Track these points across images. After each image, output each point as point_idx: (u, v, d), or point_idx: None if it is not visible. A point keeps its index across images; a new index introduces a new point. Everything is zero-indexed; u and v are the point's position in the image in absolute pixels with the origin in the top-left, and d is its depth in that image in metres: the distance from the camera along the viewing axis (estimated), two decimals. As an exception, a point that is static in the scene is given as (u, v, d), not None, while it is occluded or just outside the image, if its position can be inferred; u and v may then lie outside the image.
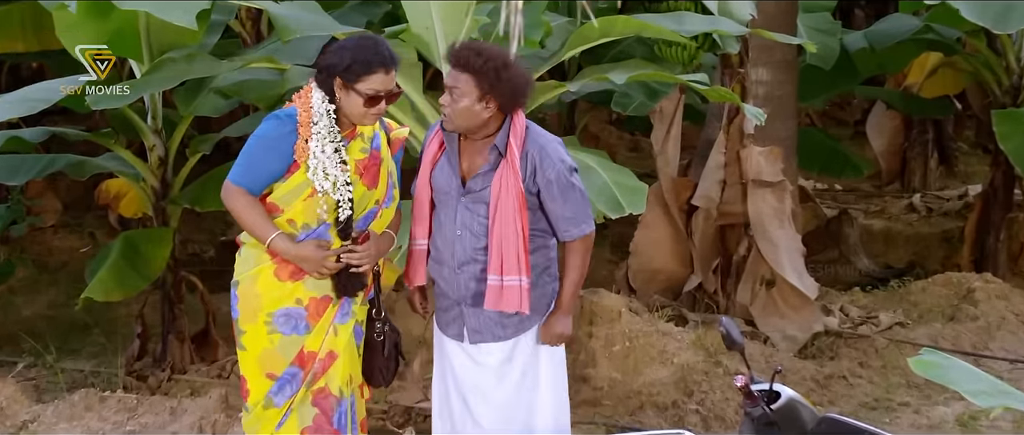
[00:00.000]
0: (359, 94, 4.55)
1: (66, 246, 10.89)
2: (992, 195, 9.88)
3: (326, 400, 4.77)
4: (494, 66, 4.52)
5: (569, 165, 4.65)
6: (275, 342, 4.65)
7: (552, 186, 4.61)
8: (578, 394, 7.15)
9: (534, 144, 4.63)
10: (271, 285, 4.64)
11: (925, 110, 12.20)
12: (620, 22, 6.25)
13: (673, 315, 8.09)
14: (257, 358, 4.68)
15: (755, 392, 4.37)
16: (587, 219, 4.72)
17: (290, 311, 4.65)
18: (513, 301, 4.62)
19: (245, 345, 4.69)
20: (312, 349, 4.69)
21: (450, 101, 4.58)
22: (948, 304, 8.56)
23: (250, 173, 4.59)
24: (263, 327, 4.65)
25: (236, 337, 4.71)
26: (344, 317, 4.76)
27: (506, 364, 4.78)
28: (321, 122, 4.55)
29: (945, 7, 7.80)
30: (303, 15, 6.37)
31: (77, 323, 8.87)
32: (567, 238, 4.71)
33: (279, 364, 4.67)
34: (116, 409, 6.68)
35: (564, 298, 4.77)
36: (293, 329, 4.65)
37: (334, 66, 4.57)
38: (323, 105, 4.57)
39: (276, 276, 4.63)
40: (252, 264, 4.66)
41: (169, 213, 7.70)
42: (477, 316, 4.75)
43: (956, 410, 6.87)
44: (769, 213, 7.94)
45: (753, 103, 7.71)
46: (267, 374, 4.69)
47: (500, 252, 4.60)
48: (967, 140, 14.74)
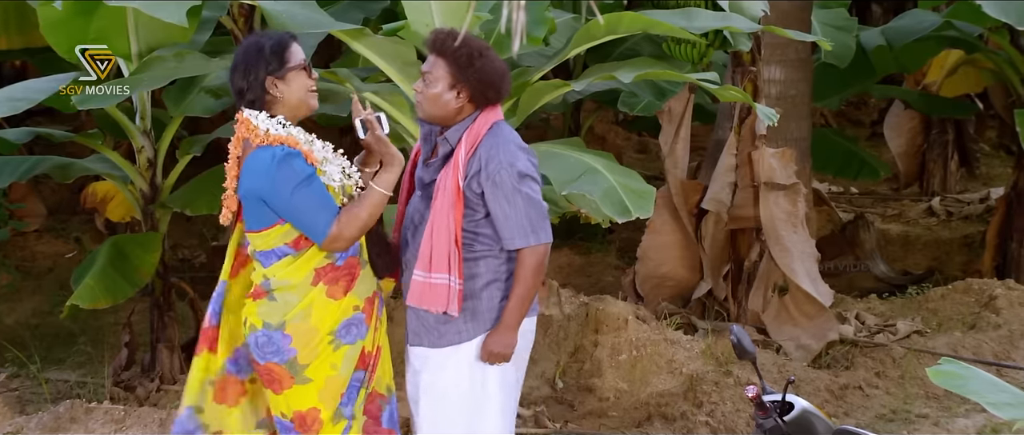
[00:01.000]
0: (298, 69, 4.57)
1: (51, 251, 10.90)
2: (1015, 198, 9.88)
3: (373, 402, 4.79)
4: (467, 52, 4.53)
5: (519, 171, 4.54)
6: (339, 362, 4.64)
7: (495, 189, 4.52)
8: (583, 405, 7.16)
9: (488, 144, 4.57)
10: (327, 310, 4.61)
11: (945, 110, 12.20)
12: (627, 19, 6.25)
13: (682, 323, 8.10)
14: (323, 387, 4.65)
15: (767, 403, 4.38)
16: (535, 232, 4.57)
17: (351, 320, 4.65)
18: (440, 300, 4.55)
19: (310, 377, 4.62)
20: (371, 349, 4.73)
21: (423, 87, 4.59)
22: (969, 312, 8.56)
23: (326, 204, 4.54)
24: (327, 349, 4.61)
25: (285, 378, 4.61)
26: (381, 309, 4.80)
27: (438, 373, 4.70)
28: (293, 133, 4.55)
29: (966, 3, 7.83)
30: (298, 11, 6.37)
31: (62, 332, 8.88)
32: (509, 247, 4.58)
33: (345, 381, 4.67)
34: (103, 421, 6.68)
35: (505, 313, 4.63)
36: (356, 336, 4.66)
37: (257, 72, 4.55)
38: (272, 121, 4.55)
39: (330, 297, 4.61)
40: (295, 302, 4.60)
41: (158, 217, 7.71)
42: (416, 316, 4.71)
43: (977, 422, 6.87)
44: (782, 217, 7.94)
45: (765, 103, 7.71)
46: (338, 394, 4.68)
47: (430, 247, 4.54)
48: (989, 141, 14.75)
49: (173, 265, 8.42)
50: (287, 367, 4.60)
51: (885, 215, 12.44)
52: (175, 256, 10.02)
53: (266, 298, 4.62)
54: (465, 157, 4.54)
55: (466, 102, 4.58)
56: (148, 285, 7.65)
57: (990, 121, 14.28)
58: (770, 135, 7.93)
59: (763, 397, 4.39)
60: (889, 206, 12.93)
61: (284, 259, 4.57)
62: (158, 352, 7.79)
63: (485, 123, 4.60)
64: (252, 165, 4.53)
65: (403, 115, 6.41)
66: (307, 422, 4.67)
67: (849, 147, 11.11)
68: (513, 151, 4.57)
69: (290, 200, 4.47)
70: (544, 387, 7.32)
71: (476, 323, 4.64)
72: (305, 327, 4.58)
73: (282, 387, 4.63)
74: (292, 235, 4.56)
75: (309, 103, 4.64)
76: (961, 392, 3.59)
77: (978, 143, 13.97)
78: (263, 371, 4.64)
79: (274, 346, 4.59)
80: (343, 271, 4.62)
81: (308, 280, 4.58)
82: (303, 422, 4.68)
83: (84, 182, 9.33)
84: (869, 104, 16.31)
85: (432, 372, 4.72)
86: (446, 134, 4.61)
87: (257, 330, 4.61)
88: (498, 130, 4.61)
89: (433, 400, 4.73)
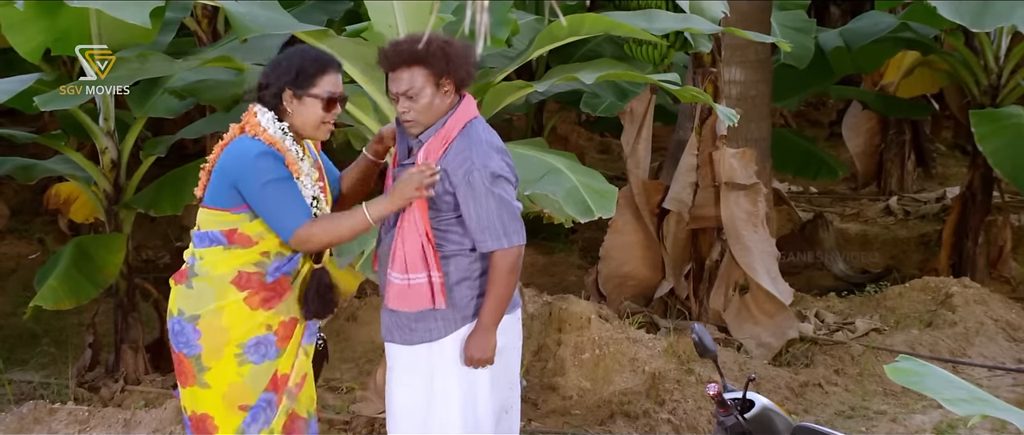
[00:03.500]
0: (316, 99, 4.51)
1: (14, 252, 10.83)
2: (970, 198, 9.94)
3: (295, 423, 4.74)
4: (438, 45, 4.47)
5: (492, 171, 4.48)
6: (245, 373, 4.58)
7: (468, 190, 4.47)
8: (546, 403, 7.16)
9: (460, 146, 4.51)
10: (240, 317, 4.56)
11: (902, 110, 12.27)
12: (589, 20, 6.26)
13: (644, 322, 8.11)
14: (224, 394, 4.60)
15: (728, 401, 4.39)
16: (508, 235, 4.51)
17: (261, 339, 4.59)
18: (422, 299, 4.52)
19: (209, 382, 4.58)
20: (285, 372, 4.66)
21: (410, 104, 4.49)
22: (925, 309, 8.61)
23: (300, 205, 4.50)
24: (232, 360, 4.57)
25: (190, 374, 4.59)
26: (310, 338, 4.74)
27: (408, 372, 4.67)
28: (286, 142, 4.53)
29: (922, 5, 7.87)
30: (261, 12, 6.35)
31: (25, 333, 8.81)
32: (482, 249, 4.53)
33: (251, 394, 4.61)
34: (67, 422, 6.64)
35: (482, 315, 4.57)
36: (264, 356, 4.59)
37: (281, 78, 4.52)
38: (276, 125, 4.53)
39: (247, 305, 4.56)
40: (212, 298, 4.55)
41: (122, 218, 7.67)
42: (390, 314, 4.66)
43: (934, 418, 6.91)
44: (742, 217, 7.97)
45: (726, 103, 7.74)
46: (239, 406, 4.62)
47: (403, 250, 4.50)
48: (945, 141, 14.84)
49: (137, 266, 8.37)
50: (193, 362, 4.58)
51: (844, 214, 12.50)
52: (139, 257, 9.96)
53: (185, 285, 4.60)
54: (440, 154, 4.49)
55: (453, 92, 4.55)
56: (112, 286, 7.62)
57: (946, 121, 14.35)
58: (731, 135, 7.95)
59: (724, 395, 4.40)
60: (847, 205, 12.99)
61: (214, 247, 4.54)
62: (122, 353, 7.75)
63: (457, 124, 4.53)
64: (235, 148, 4.52)
65: (366, 115, 6.40)
66: (203, 426, 4.64)
67: (808, 147, 11.15)
68: (486, 152, 4.51)
69: (261, 192, 4.44)
70: (507, 386, 7.32)
71: (447, 321, 4.60)
72: (216, 325, 4.55)
73: (187, 381, 4.61)
74: (230, 225, 4.52)
75: (317, 134, 4.61)
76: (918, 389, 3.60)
77: (934, 143, 14.04)
78: (175, 359, 4.63)
79: (185, 336, 4.58)
80: (269, 287, 4.58)
81: (228, 278, 4.54)
82: (200, 425, 4.65)
83: (47, 183, 9.28)
84: (827, 105, 16.39)
85: (403, 368, 4.68)
86: (420, 136, 4.55)
87: (173, 316, 4.60)
88: (471, 130, 4.56)
89: (403, 396, 4.70)
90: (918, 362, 3.73)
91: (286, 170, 4.46)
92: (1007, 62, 9.74)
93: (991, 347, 8.17)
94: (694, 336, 4.58)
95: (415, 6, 5.88)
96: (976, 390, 3.67)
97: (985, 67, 9.81)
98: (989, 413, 3.49)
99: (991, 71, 9.79)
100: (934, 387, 3.57)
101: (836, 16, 15.63)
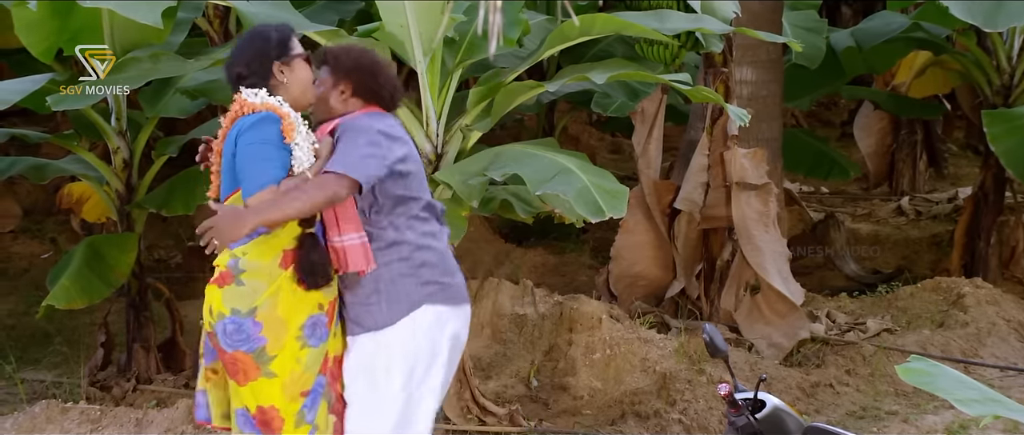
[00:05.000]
0: (300, 58, 4.68)
1: (26, 252, 10.86)
2: (982, 198, 9.92)
3: (339, 401, 4.78)
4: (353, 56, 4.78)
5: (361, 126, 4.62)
6: (304, 359, 4.60)
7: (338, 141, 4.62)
8: (557, 403, 7.16)
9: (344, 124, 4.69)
10: (294, 298, 4.58)
11: (914, 111, 12.24)
12: (600, 20, 6.26)
13: (655, 322, 8.10)
14: (285, 383, 4.60)
15: (739, 401, 4.39)
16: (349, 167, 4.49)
17: (316, 319, 4.62)
18: (358, 260, 4.60)
19: (275, 371, 4.58)
20: (333, 353, 4.71)
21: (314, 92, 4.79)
22: (937, 310, 8.59)
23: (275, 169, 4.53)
24: (294, 345, 4.58)
25: (252, 368, 4.57)
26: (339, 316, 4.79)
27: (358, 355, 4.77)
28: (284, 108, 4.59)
29: (934, 5, 7.85)
30: (273, 12, 6.36)
31: (38, 332, 8.84)
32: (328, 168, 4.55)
33: (309, 379, 4.63)
34: (79, 421, 6.65)
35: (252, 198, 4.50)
36: (320, 339, 4.63)
37: (264, 57, 4.64)
38: (269, 97, 4.59)
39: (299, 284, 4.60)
40: (263, 288, 4.56)
41: (134, 217, 7.68)
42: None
43: (945, 419, 6.90)
44: (754, 217, 7.96)
45: (737, 103, 7.73)
46: (300, 393, 4.64)
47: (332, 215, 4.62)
48: (957, 141, 14.81)
49: (149, 265, 8.40)
50: (254, 356, 4.57)
51: (855, 214, 12.48)
52: (151, 256, 9.98)
53: (233, 283, 4.57)
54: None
55: (352, 98, 4.73)
56: (124, 285, 7.63)
57: (958, 122, 14.33)
58: (742, 135, 7.95)
59: (735, 395, 4.41)
60: (859, 205, 12.97)
61: (255, 239, 4.54)
62: (134, 352, 7.76)
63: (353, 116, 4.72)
64: (235, 128, 4.59)
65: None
66: (268, 419, 4.64)
67: (820, 147, 11.13)
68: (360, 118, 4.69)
69: (247, 149, 4.51)
70: (519, 386, 7.32)
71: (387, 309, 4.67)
72: (274, 316, 4.55)
73: (247, 378, 4.59)
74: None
75: (309, 95, 4.72)
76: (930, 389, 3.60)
77: (946, 143, 14.02)
78: (229, 360, 4.60)
79: (244, 333, 4.56)
80: None
81: (276, 262, 4.56)
82: (265, 419, 4.65)
83: (60, 183, 9.29)
84: (839, 105, 16.36)
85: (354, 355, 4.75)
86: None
87: (225, 317, 4.56)
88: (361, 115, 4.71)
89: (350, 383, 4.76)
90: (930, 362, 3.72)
91: (279, 136, 4.51)
92: (1020, 62, 9.71)
93: (1003, 348, 8.16)
94: (705, 336, 4.58)
95: (426, 6, 5.88)
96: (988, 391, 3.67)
97: (997, 67, 9.79)
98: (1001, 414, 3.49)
99: (1004, 71, 9.76)
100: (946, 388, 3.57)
101: (847, 16, 15.61)
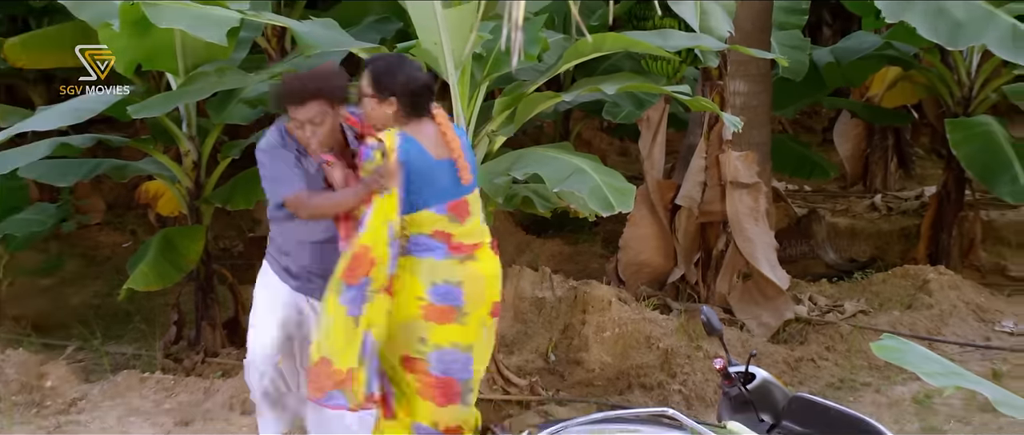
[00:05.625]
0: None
1: (110, 242, 10.90)
2: (945, 196, 9.87)
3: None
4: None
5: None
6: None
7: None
8: (572, 376, 7.15)
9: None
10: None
11: (885, 119, 12.18)
12: (610, 38, 6.23)
13: (658, 304, 8.08)
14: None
15: (732, 374, 4.37)
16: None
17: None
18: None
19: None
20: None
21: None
22: (906, 294, 8.55)
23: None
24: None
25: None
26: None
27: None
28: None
29: (903, 25, 7.79)
30: (323, 32, 6.36)
31: (120, 311, 8.87)
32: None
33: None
34: (155, 389, 6.68)
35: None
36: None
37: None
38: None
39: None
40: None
41: (202, 211, 7.70)
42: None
43: (913, 389, 6.87)
44: (745, 212, 7.93)
45: (731, 112, 7.69)
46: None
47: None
48: (923, 146, 14.72)
49: (215, 254, 8.42)
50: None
51: (834, 210, 12.41)
52: (217, 246, 10.01)
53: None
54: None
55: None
56: (193, 271, 7.65)
57: (924, 129, 14.23)
58: (735, 140, 7.91)
59: (729, 368, 4.38)
60: (838, 202, 12.91)
61: None
62: (202, 329, 7.78)
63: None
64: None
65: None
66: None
67: (803, 151, 11.08)
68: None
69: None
70: (538, 360, 7.31)
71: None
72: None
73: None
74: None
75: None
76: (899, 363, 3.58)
77: (914, 148, 13.95)
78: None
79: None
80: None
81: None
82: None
83: (138, 181, 9.32)
84: (820, 113, 16.27)
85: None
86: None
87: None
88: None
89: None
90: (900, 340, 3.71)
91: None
92: (978, 76, 9.66)
93: (963, 327, 8.12)
94: (703, 317, 4.56)
95: (458, 25, 5.86)
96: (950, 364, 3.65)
97: (958, 81, 9.73)
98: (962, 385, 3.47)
99: (964, 84, 9.71)
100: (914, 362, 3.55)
101: (828, 36, 15.55)
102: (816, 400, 4.34)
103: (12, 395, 6.74)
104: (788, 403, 4.33)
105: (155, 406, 6.53)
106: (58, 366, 7.09)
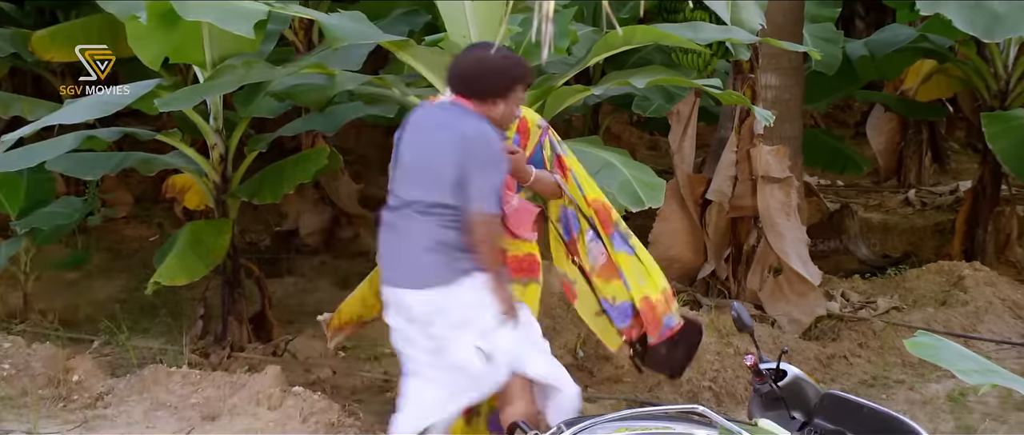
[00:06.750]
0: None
1: (137, 235, 10.95)
2: (981, 191, 9.83)
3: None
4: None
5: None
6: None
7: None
8: (601, 372, 7.14)
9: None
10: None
11: (920, 112, 12.12)
12: (640, 31, 6.23)
13: (688, 300, 8.07)
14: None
15: (763, 371, 4.35)
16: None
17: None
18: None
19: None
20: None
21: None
22: (940, 290, 8.51)
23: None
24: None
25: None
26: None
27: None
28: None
29: (939, 18, 7.77)
30: (351, 24, 6.37)
31: (147, 305, 8.91)
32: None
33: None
34: (181, 383, 6.71)
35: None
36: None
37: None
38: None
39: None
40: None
41: (229, 205, 7.72)
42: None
43: (947, 387, 6.84)
44: (776, 207, 7.91)
45: (762, 106, 7.68)
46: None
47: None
48: (958, 140, 14.65)
49: (242, 248, 8.44)
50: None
51: (867, 205, 12.37)
52: (243, 240, 10.03)
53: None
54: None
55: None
56: (220, 265, 7.67)
57: (959, 123, 14.17)
58: (766, 134, 7.89)
59: (760, 365, 4.37)
60: (871, 197, 12.86)
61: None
62: (229, 324, 7.80)
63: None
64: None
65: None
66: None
67: (836, 145, 11.05)
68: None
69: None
70: (566, 356, 7.31)
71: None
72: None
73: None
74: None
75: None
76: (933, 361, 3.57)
77: (949, 142, 13.89)
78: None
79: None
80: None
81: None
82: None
83: (165, 175, 9.34)
84: (853, 107, 16.21)
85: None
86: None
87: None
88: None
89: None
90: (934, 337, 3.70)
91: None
92: (1015, 69, 9.61)
93: (999, 324, 8.08)
94: (733, 313, 4.55)
95: (487, 18, 5.87)
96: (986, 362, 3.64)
97: (995, 74, 9.67)
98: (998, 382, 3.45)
99: (1000, 78, 9.65)
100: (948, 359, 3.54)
101: (861, 28, 15.47)
102: (849, 397, 4.32)
103: (39, 389, 6.79)
104: (820, 400, 4.31)
105: (181, 400, 6.56)
106: (84, 360, 7.13)
